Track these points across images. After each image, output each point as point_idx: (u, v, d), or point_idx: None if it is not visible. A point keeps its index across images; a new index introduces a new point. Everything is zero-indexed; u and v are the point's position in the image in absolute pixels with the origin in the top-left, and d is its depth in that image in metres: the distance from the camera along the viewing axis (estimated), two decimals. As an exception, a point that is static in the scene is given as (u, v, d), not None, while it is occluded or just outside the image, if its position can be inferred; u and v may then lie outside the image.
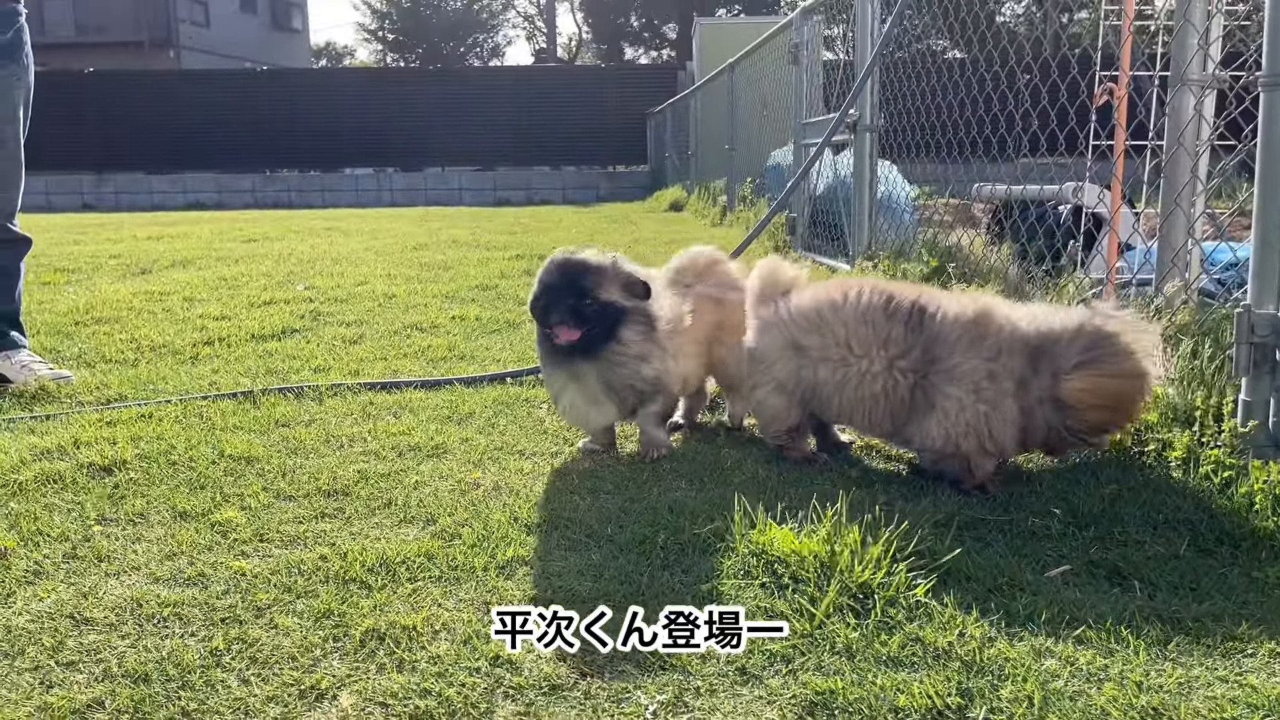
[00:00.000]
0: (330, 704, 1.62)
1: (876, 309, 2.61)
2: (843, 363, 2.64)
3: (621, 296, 2.76)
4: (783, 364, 2.75)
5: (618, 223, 12.76)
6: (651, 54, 48.33)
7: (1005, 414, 2.46)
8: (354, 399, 3.54)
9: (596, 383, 2.79)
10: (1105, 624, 1.82)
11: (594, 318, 2.73)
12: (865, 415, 2.66)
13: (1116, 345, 2.42)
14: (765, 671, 1.70)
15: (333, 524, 2.38)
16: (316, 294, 6.04)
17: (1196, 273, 3.30)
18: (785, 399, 2.78)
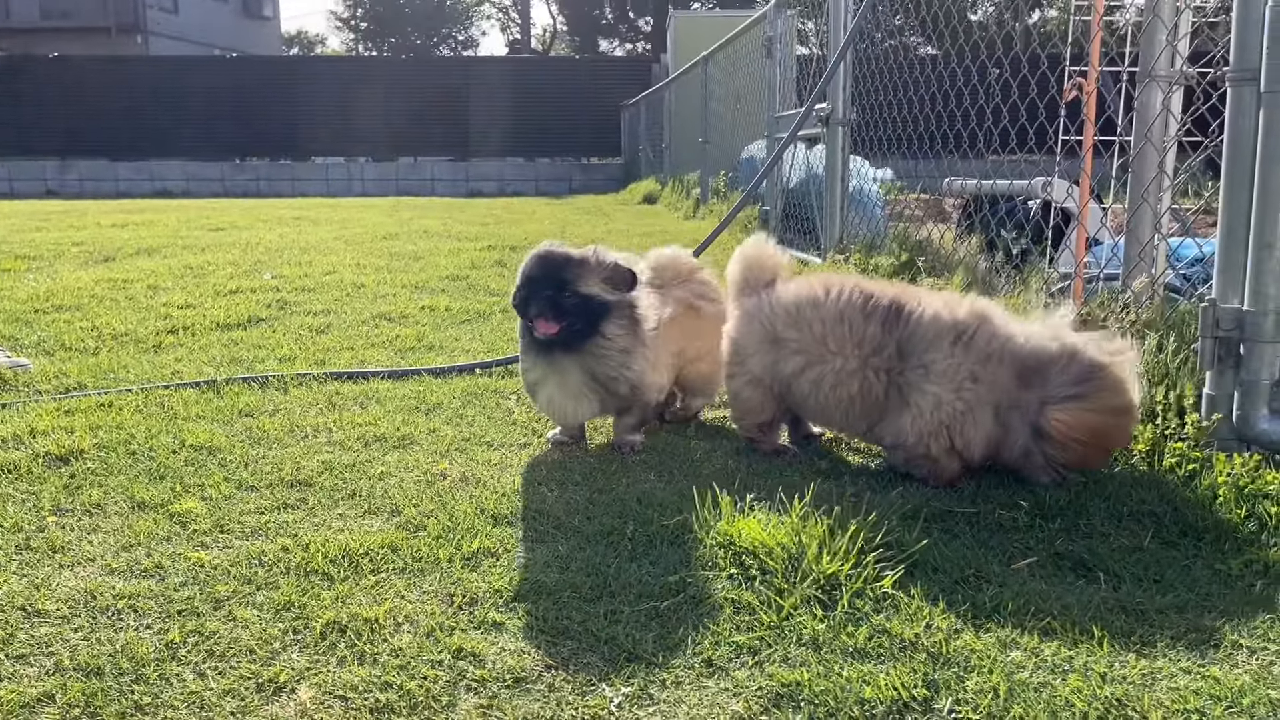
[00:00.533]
0: (289, 697, 1.59)
1: (854, 308, 2.58)
2: (819, 360, 2.61)
3: (603, 289, 2.73)
4: (760, 357, 2.73)
5: (591, 215, 12.72)
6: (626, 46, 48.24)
7: (980, 419, 2.45)
8: (320, 389, 3.50)
9: (579, 377, 2.75)
10: (1070, 616, 1.82)
11: (574, 311, 2.69)
12: (842, 414, 2.64)
13: (1106, 380, 2.38)
14: (731, 663, 1.69)
15: (295, 515, 2.34)
16: (284, 283, 5.97)
17: (1162, 268, 3.32)
18: (761, 392, 2.76)
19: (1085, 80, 3.63)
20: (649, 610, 1.86)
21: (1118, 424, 2.41)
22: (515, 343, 4.19)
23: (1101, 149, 3.82)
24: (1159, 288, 3.16)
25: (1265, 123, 2.28)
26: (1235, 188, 2.39)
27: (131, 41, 29.24)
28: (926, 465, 2.51)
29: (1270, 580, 1.95)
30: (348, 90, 22.50)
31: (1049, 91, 3.81)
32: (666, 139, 15.89)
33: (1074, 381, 2.38)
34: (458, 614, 1.85)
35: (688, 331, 3.01)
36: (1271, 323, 2.32)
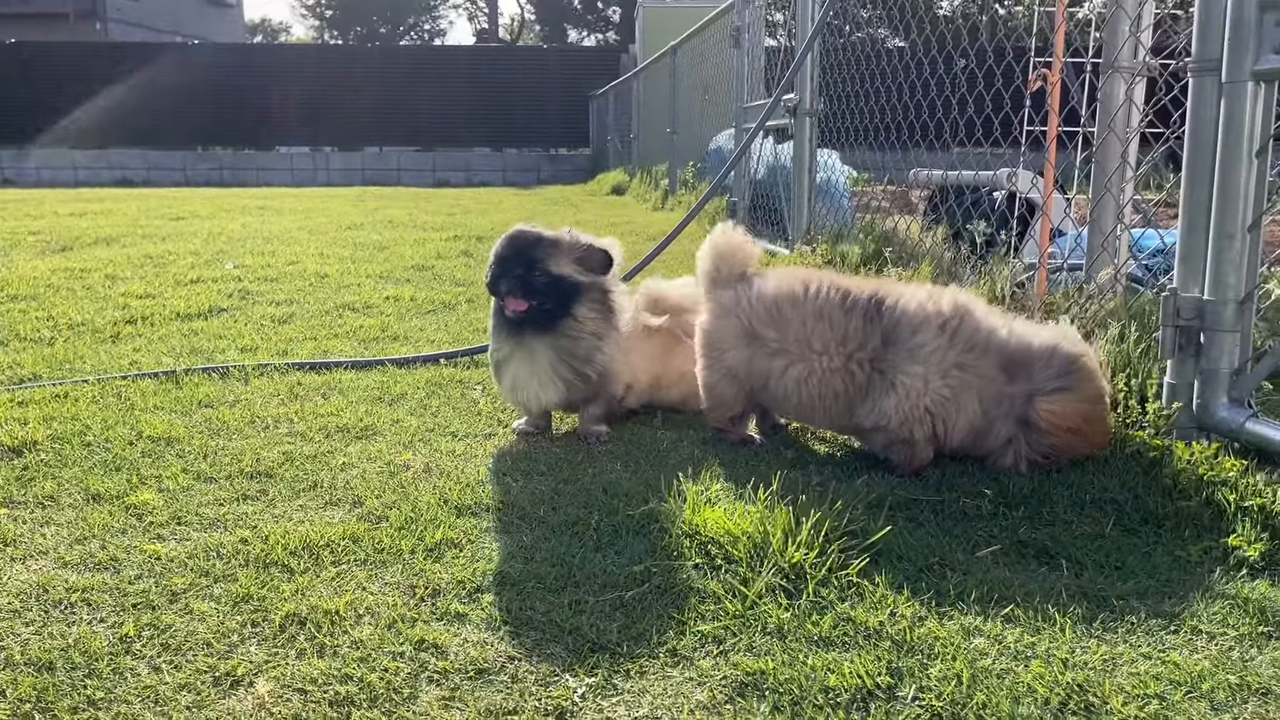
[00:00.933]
0: (246, 691, 1.56)
1: (834, 304, 2.57)
2: (802, 359, 2.60)
3: (575, 270, 2.72)
4: (737, 353, 2.70)
5: (559, 205, 12.67)
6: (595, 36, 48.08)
7: (965, 407, 2.46)
8: (281, 379, 3.45)
9: (548, 359, 2.74)
10: (1033, 602, 1.83)
11: (543, 290, 2.68)
12: (824, 410, 2.62)
13: (1087, 370, 2.45)
14: (696, 653, 1.68)
15: (255, 506, 2.31)
16: (246, 273, 5.89)
17: (1125, 258, 3.35)
18: (736, 387, 2.74)
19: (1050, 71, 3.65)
20: (614, 600, 1.85)
21: (1100, 412, 2.48)
22: (481, 333, 4.17)
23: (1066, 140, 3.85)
24: (1121, 278, 3.19)
25: (1226, 113, 2.30)
26: (1196, 178, 2.41)
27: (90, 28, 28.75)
28: (905, 451, 2.51)
29: (1229, 567, 1.97)
30: (313, 79, 22.25)
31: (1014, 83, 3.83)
32: (635, 129, 15.85)
33: (1059, 374, 2.43)
34: (420, 605, 1.83)
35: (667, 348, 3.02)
36: (1231, 312, 2.35)
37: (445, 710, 1.51)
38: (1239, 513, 2.12)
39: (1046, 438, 2.42)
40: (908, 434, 2.49)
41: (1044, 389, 2.43)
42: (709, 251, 2.81)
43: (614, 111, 18.96)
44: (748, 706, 1.53)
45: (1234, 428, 2.32)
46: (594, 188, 17.06)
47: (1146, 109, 3.36)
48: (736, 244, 2.80)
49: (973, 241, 4.19)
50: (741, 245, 2.80)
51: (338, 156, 21.91)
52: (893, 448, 2.53)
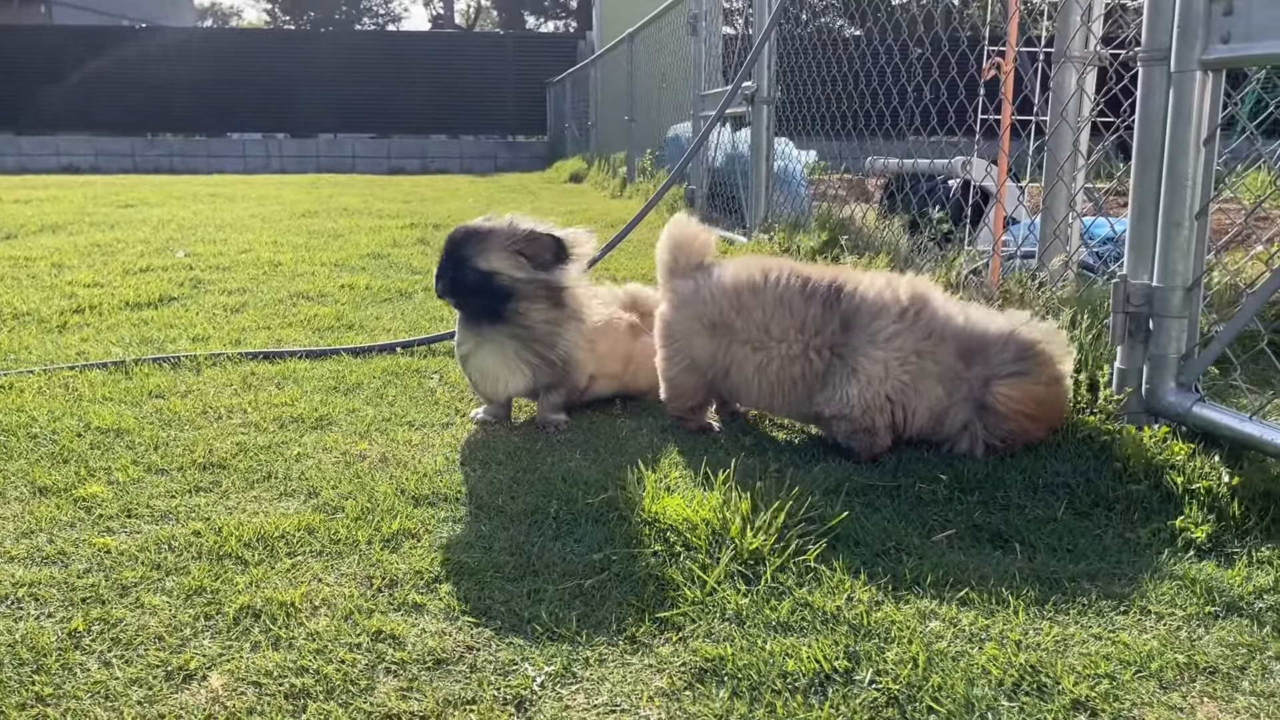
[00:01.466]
0: (199, 685, 1.54)
1: (794, 291, 2.57)
2: (763, 347, 2.60)
3: (510, 266, 2.68)
4: (699, 344, 2.70)
5: (516, 193, 12.59)
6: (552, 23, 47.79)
7: (925, 392, 2.48)
8: (234, 369, 3.40)
9: (512, 348, 2.73)
10: (987, 585, 1.85)
11: (473, 289, 2.66)
12: (784, 397, 2.63)
13: (1043, 355, 2.47)
14: (655, 640, 1.68)
15: (207, 498, 2.27)
16: (197, 261, 5.79)
17: (1076, 246, 3.40)
18: (696, 377, 2.74)
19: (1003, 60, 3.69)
20: (573, 589, 1.84)
21: (1056, 395, 2.50)
22: (438, 321, 4.15)
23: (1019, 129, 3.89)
24: (1073, 265, 3.23)
25: (1175, 102, 2.33)
26: (1145, 166, 2.45)
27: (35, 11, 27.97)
28: (866, 439, 2.53)
29: (1177, 548, 2.01)
30: (265, 65, 21.88)
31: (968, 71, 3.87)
32: (593, 117, 15.79)
33: (1015, 359, 2.46)
34: (377, 596, 1.81)
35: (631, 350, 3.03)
36: (1179, 298, 2.39)
37: (403, 701, 1.50)
38: (1186, 495, 2.16)
39: (1003, 422, 2.45)
40: (869, 422, 2.50)
41: (1000, 373, 2.45)
42: (666, 242, 2.80)
43: (572, 99, 18.87)
44: (707, 692, 1.53)
45: (1182, 412, 2.36)
46: (552, 175, 16.98)
47: (1097, 98, 3.40)
48: (693, 234, 2.80)
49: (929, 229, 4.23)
50: (698, 235, 2.80)
51: (291, 143, 21.59)
52: (854, 436, 2.55)
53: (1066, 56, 3.35)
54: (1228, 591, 1.83)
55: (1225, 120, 2.40)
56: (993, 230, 3.95)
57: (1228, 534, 2.05)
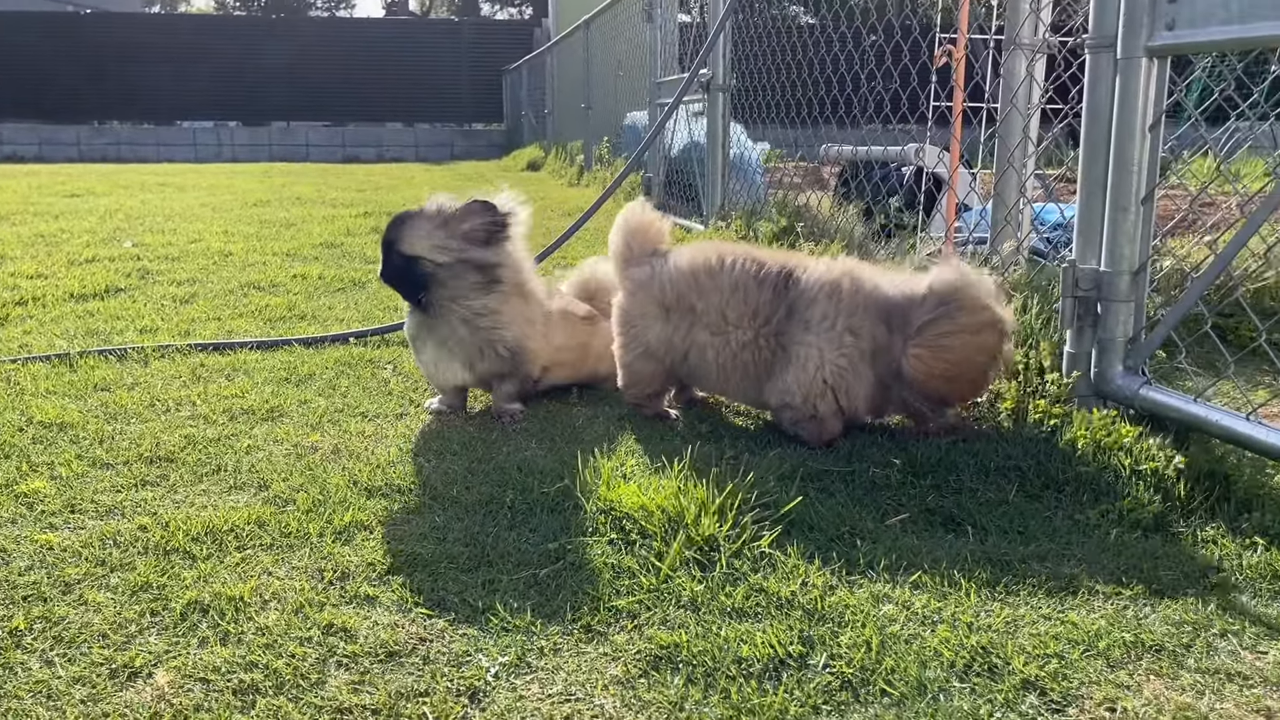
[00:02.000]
0: (145, 683, 1.51)
1: (749, 276, 2.57)
2: (719, 333, 2.60)
3: (432, 249, 2.63)
4: (656, 330, 2.69)
5: (472, 181, 12.49)
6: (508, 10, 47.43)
7: (863, 373, 2.48)
8: (183, 361, 3.33)
9: (453, 337, 2.70)
10: (940, 568, 1.87)
11: (400, 273, 2.65)
12: (738, 383, 2.63)
13: (961, 301, 2.40)
14: (610, 628, 1.68)
15: (154, 492, 2.23)
16: (145, 251, 5.68)
17: (1027, 232, 3.44)
18: (653, 364, 2.73)
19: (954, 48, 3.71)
20: (527, 578, 1.83)
21: (977, 342, 2.40)
22: (392, 311, 4.10)
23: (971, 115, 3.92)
24: (1024, 251, 3.27)
25: (1121, 89, 2.36)
26: (1093, 153, 2.47)
27: (-27, -6, 27.23)
28: (812, 426, 2.53)
29: (1124, 528, 2.04)
30: (217, 51, 21.47)
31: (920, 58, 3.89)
32: (549, 105, 15.71)
33: (929, 313, 2.41)
34: (328, 589, 1.79)
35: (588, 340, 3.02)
36: (1126, 282, 2.42)
37: (354, 694, 1.48)
38: (1134, 476, 2.20)
39: (919, 388, 2.42)
40: (812, 409, 2.51)
41: (912, 331, 2.40)
42: (620, 229, 2.79)
43: (528, 86, 18.74)
44: (662, 679, 1.53)
45: (1129, 395, 2.40)
46: (509, 163, 16.87)
47: (1047, 85, 3.44)
48: (647, 220, 2.79)
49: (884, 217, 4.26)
50: (652, 222, 2.79)
51: (243, 132, 21.24)
52: (800, 424, 2.55)
53: (1016, 44, 3.38)
54: (1173, 571, 1.86)
55: (1170, 107, 2.43)
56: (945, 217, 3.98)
57: (1174, 514, 2.08)
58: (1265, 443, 2.06)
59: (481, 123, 22.74)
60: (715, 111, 6.12)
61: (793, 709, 1.45)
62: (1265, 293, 3.46)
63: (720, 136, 6.13)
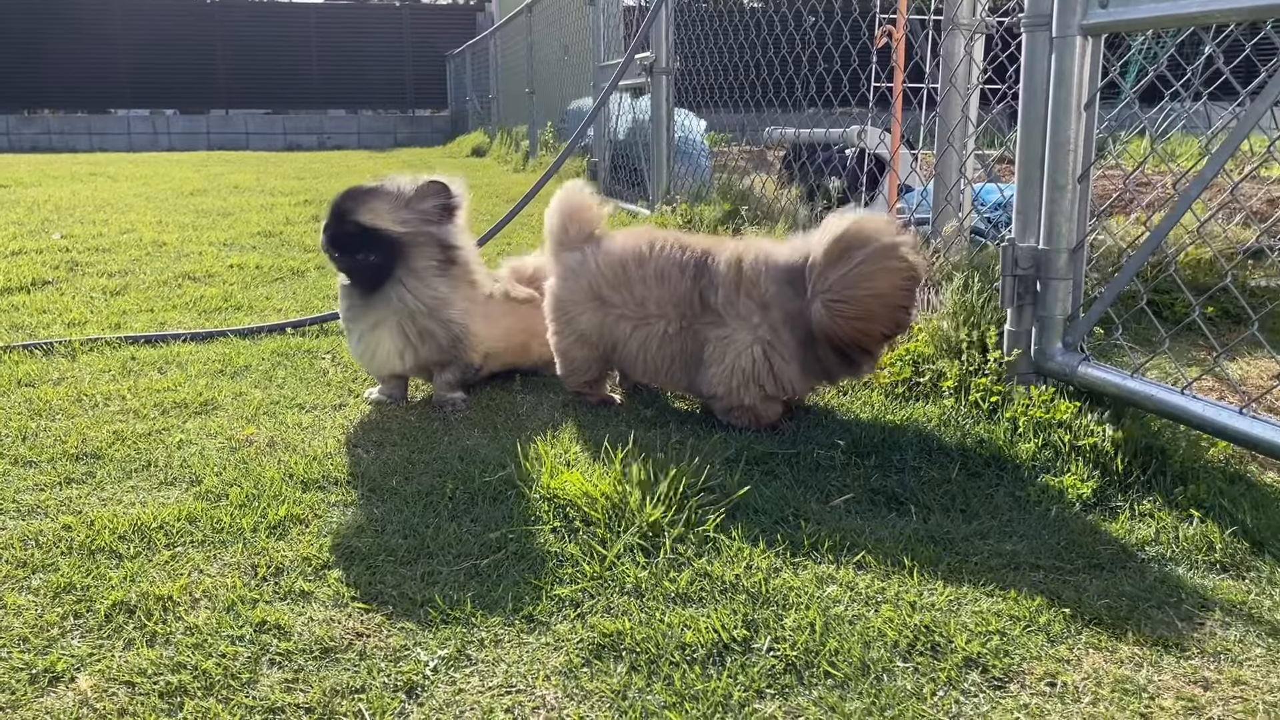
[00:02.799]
0: (67, 687, 1.45)
1: (673, 263, 2.53)
2: (644, 324, 2.56)
3: (394, 222, 2.58)
4: (588, 317, 2.65)
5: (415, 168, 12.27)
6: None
7: (787, 348, 2.45)
8: (113, 354, 3.23)
9: (393, 321, 2.63)
10: (884, 548, 1.87)
11: (356, 244, 2.58)
12: (670, 377, 2.61)
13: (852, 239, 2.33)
14: (553, 618, 1.65)
15: (80, 490, 2.15)
16: (74, 243, 5.51)
17: (968, 211, 3.46)
18: (589, 351, 2.69)
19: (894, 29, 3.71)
20: (468, 569, 1.80)
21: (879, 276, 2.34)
22: (332, 300, 4.02)
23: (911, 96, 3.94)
24: (965, 231, 3.29)
25: (1056, 67, 2.37)
26: (1030, 132, 2.48)
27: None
28: (745, 415, 2.52)
29: (1064, 504, 2.06)
30: (151, 35, 20.90)
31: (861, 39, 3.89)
32: (493, 90, 15.55)
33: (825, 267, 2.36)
34: (261, 585, 1.74)
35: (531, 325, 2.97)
36: (1064, 260, 2.44)
37: (288, 693, 1.44)
38: (1073, 452, 2.22)
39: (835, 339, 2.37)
40: (740, 399, 2.49)
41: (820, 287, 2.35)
42: (555, 211, 2.74)
43: (472, 72, 18.54)
44: (605, 668, 1.51)
45: (1068, 372, 2.42)
46: (453, 150, 16.68)
47: (985, 66, 3.45)
48: (584, 203, 2.74)
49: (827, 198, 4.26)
50: (589, 205, 2.74)
51: (180, 120, 20.75)
52: (732, 413, 2.53)
53: (954, 24, 3.39)
54: (1112, 545, 1.88)
55: (1106, 86, 2.45)
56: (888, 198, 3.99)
57: (1112, 488, 2.11)
58: (1200, 416, 2.08)
59: (425, 109, 22.46)
60: (659, 95, 6.08)
61: (736, 693, 1.43)
62: (1199, 268, 3.52)
63: (665, 120, 6.10)
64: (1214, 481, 2.07)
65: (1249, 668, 1.50)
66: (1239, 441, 2.03)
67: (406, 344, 2.65)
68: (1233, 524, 1.92)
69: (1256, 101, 2.07)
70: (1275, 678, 1.48)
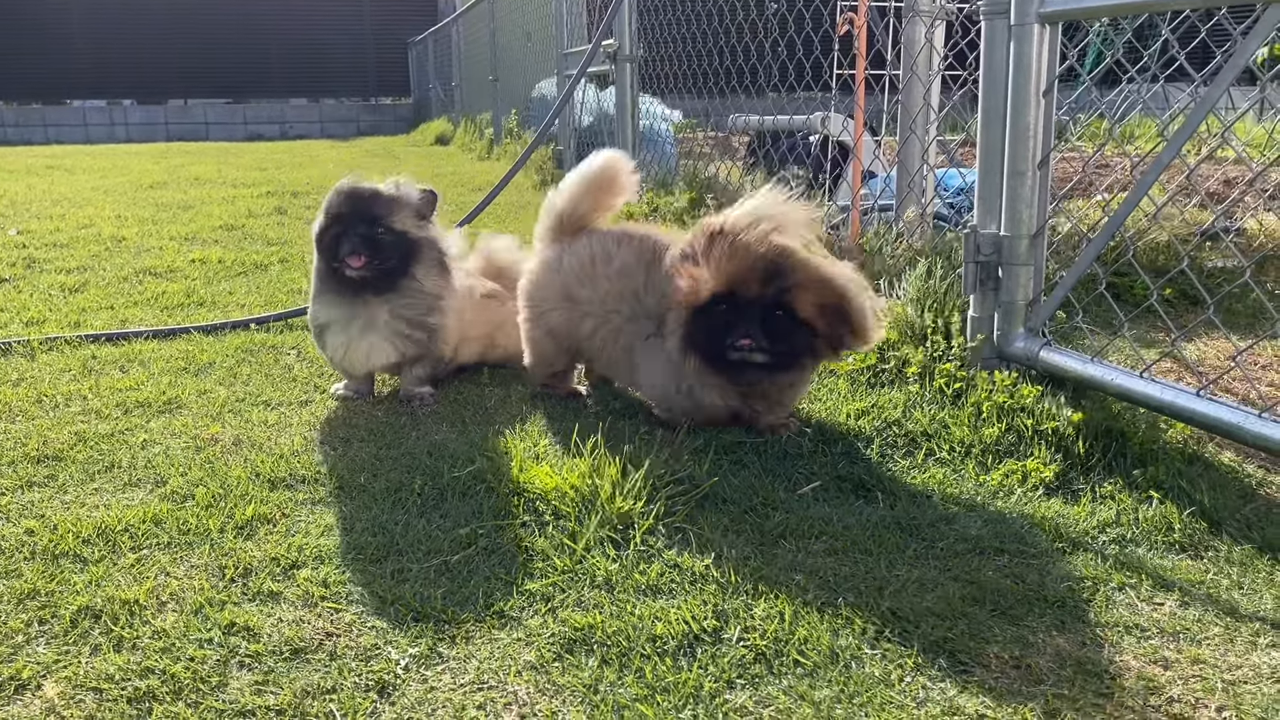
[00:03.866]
0: (33, 695, 1.44)
1: (633, 261, 2.52)
2: (605, 321, 2.55)
3: (415, 226, 2.64)
4: (558, 313, 2.63)
5: (379, 157, 12.22)
6: (411, -19, 46.32)
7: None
8: (73, 353, 3.19)
9: (384, 320, 2.64)
10: (851, 535, 1.89)
11: (389, 248, 2.59)
12: (624, 369, 2.61)
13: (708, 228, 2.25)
14: (524, 612, 1.66)
15: (42, 493, 2.12)
16: (31, 239, 5.41)
17: (930, 198, 3.48)
18: (555, 344, 2.68)
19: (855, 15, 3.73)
20: (438, 566, 1.80)
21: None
22: (296, 295, 3.98)
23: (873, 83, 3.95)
24: (928, 217, 3.31)
25: (1015, 54, 2.39)
26: (991, 118, 2.51)
27: None
28: (683, 419, 2.44)
29: (1028, 488, 2.09)
30: (105, 25, 20.50)
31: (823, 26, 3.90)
32: (457, 77, 15.43)
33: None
34: (229, 587, 1.73)
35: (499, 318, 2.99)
36: (1025, 246, 2.47)
37: (258, 695, 1.43)
38: (1035, 436, 2.25)
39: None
40: (668, 408, 2.45)
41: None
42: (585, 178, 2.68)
43: (435, 59, 18.36)
44: (576, 662, 1.51)
45: (1030, 357, 2.45)
46: (417, 138, 16.54)
47: (946, 52, 3.47)
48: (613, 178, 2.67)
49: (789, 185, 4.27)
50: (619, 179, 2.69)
51: (138, 110, 20.38)
52: (672, 417, 2.47)
53: (915, 11, 3.41)
54: (1073, 528, 1.91)
55: (1064, 72, 2.47)
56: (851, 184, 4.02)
57: (1074, 471, 2.14)
58: (1158, 399, 2.12)
59: (388, 97, 22.22)
60: (624, 82, 6.06)
61: (707, 684, 1.44)
62: (1158, 250, 3.57)
63: (629, 108, 6.08)
64: (1173, 463, 2.11)
65: (1207, 647, 1.54)
66: (1197, 423, 2.07)
67: (397, 343, 2.67)
68: (1191, 504, 1.96)
69: (1212, 85, 2.10)
70: (1233, 656, 1.51)
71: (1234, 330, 3.15)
